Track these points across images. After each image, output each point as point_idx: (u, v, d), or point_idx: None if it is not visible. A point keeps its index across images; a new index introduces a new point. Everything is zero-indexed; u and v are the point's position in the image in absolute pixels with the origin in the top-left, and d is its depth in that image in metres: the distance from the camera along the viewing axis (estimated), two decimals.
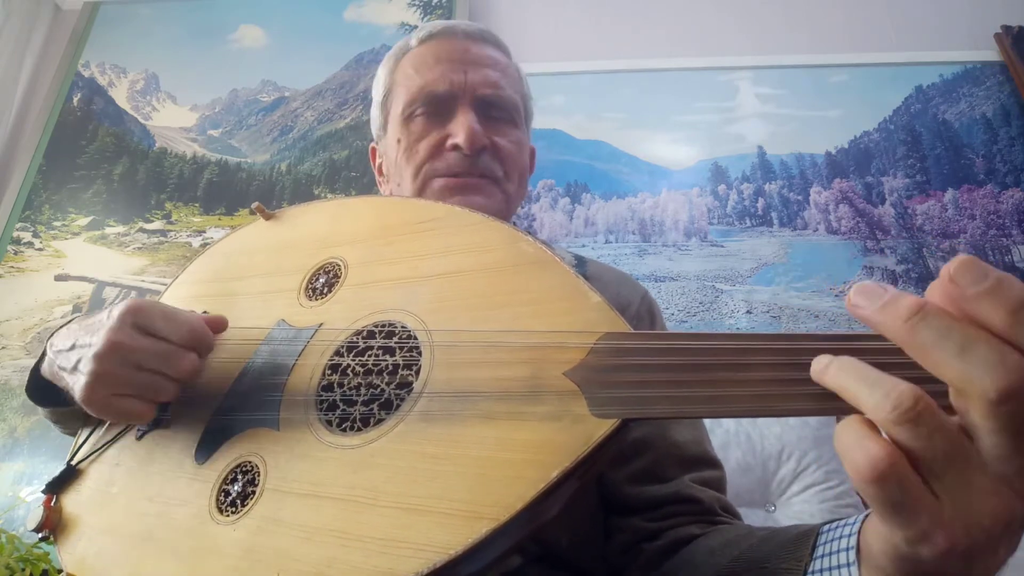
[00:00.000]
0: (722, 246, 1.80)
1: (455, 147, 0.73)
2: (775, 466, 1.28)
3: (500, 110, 0.77)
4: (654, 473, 0.68)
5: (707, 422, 0.83)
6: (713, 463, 0.72)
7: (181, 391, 0.54)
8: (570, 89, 1.98)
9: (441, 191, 0.74)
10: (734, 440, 1.30)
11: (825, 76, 1.95)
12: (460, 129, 0.73)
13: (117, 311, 0.52)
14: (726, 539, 0.57)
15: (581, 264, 0.84)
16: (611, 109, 1.97)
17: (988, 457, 0.28)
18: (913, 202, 1.80)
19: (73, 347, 0.55)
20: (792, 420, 1.32)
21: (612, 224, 1.85)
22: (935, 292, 0.29)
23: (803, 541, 0.45)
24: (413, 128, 0.76)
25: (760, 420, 1.32)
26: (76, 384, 0.53)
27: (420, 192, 0.76)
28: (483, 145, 0.73)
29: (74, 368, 0.54)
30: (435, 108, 0.76)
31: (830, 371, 0.32)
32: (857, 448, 0.29)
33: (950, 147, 1.85)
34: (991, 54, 1.92)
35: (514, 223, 0.87)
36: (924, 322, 0.28)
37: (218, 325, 0.57)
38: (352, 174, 1.92)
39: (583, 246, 1.82)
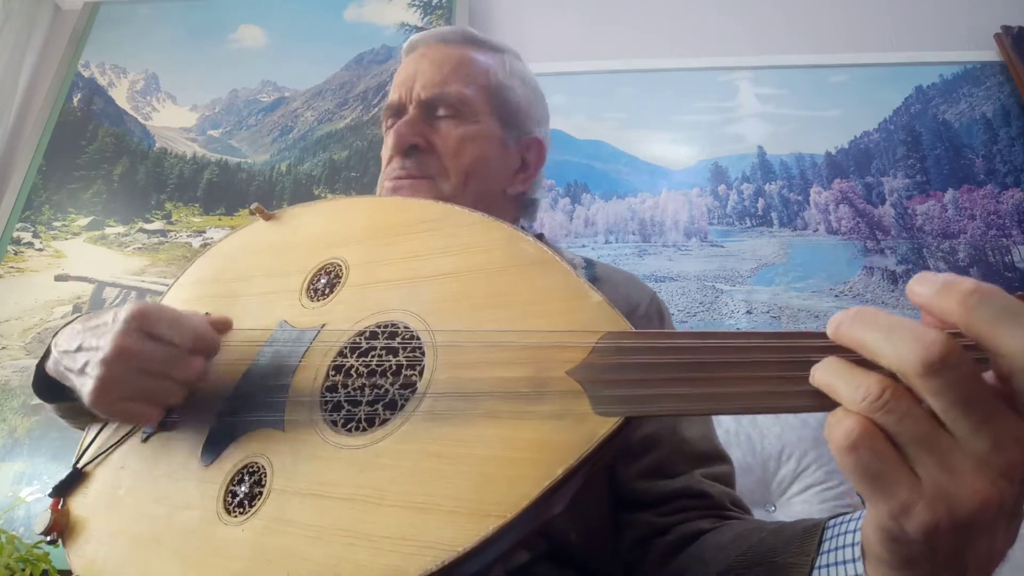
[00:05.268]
0: (722, 246, 1.80)
1: None
2: (775, 466, 1.28)
3: (445, 107, 0.79)
4: (663, 469, 0.69)
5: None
6: (722, 457, 0.73)
7: (187, 393, 0.54)
8: (570, 89, 1.98)
9: (385, 195, 0.78)
10: (734, 440, 1.30)
11: (825, 76, 1.95)
12: None
13: (123, 315, 0.53)
14: (735, 533, 0.58)
15: (590, 267, 0.85)
16: (611, 109, 1.97)
17: (959, 438, 0.30)
18: (913, 202, 1.80)
19: (79, 349, 0.55)
20: (792, 420, 1.32)
21: (612, 224, 1.85)
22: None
23: (810, 536, 0.46)
24: (386, 140, 0.82)
25: (760, 420, 1.32)
26: (84, 387, 0.53)
27: None
28: (410, 144, 0.76)
29: (81, 370, 0.54)
30: (395, 118, 0.81)
31: (817, 373, 0.34)
32: (835, 425, 0.31)
33: (950, 147, 1.86)
34: (991, 54, 1.93)
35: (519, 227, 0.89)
36: (857, 321, 0.32)
37: (223, 326, 0.58)
38: (352, 174, 1.92)
39: (583, 246, 1.82)
